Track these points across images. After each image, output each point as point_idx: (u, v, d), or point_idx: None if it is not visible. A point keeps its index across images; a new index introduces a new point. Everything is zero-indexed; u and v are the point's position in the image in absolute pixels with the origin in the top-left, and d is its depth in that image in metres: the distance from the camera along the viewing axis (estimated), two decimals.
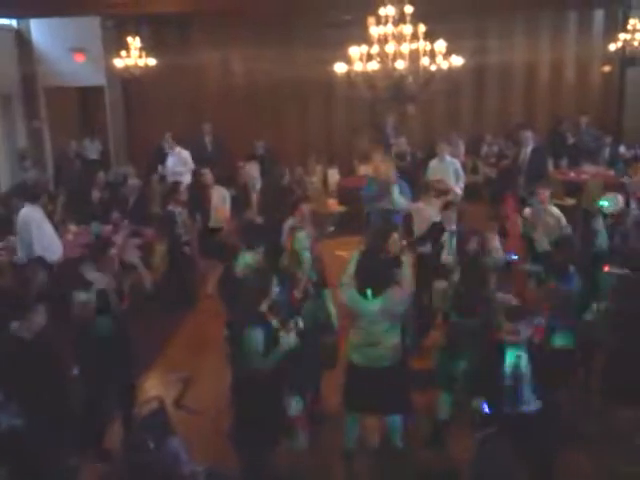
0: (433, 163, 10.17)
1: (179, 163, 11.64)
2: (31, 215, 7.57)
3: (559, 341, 5.44)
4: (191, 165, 11.59)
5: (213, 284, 8.26)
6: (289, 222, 6.96)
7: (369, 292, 4.93)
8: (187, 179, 11.03)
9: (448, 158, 10.09)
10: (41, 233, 7.54)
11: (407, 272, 5.33)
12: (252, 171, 8.91)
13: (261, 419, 4.68)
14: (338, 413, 5.52)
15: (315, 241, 6.32)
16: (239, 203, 8.90)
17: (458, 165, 10.22)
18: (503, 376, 4.35)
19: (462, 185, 10.09)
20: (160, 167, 11.99)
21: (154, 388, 6.47)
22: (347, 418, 5.34)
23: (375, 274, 5.05)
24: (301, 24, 13.52)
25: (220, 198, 9.16)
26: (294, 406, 4.92)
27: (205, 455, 4.96)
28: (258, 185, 8.81)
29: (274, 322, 4.80)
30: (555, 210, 7.56)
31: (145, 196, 10.37)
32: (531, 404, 4.36)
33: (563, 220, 7.38)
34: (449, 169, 9.96)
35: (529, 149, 10.35)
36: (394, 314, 4.99)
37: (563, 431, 4.98)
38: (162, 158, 12.02)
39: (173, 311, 8.30)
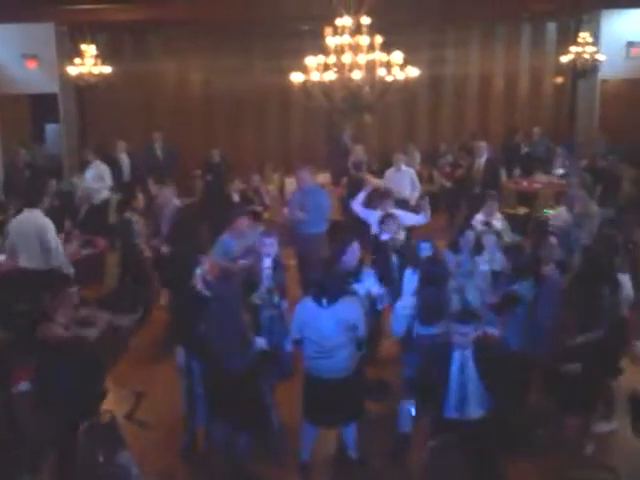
0: (389, 172, 10.26)
1: (97, 178, 11.09)
2: None
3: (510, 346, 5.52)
4: (108, 182, 11.08)
5: (166, 295, 8.16)
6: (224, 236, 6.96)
7: (324, 301, 4.92)
8: (102, 196, 10.76)
9: (404, 168, 10.19)
10: None
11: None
12: (167, 195, 8.53)
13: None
14: (294, 423, 5.49)
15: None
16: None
17: (414, 175, 10.32)
18: (448, 379, 4.37)
19: (417, 194, 10.19)
20: (76, 179, 11.62)
21: (105, 401, 6.34)
22: (303, 428, 5.31)
23: (330, 284, 5.03)
24: (259, 34, 13.51)
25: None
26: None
27: (156, 469, 4.88)
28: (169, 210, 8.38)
29: None
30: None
31: (97, 205, 10.19)
32: (477, 410, 4.38)
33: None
34: (405, 178, 10.06)
35: (483, 159, 10.52)
36: (349, 324, 4.98)
37: (512, 438, 5.05)
38: (112, 166, 11.81)
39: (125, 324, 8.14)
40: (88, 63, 12.55)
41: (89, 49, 12.59)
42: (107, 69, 12.78)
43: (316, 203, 8.07)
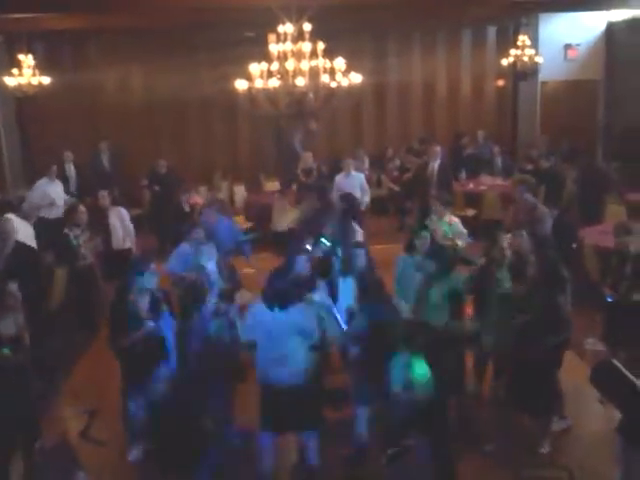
0: (339, 178, 10.29)
1: (44, 196, 10.64)
2: None
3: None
4: (49, 199, 10.64)
5: None
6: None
7: (276, 306, 4.89)
8: (49, 213, 10.47)
9: (354, 173, 10.24)
10: None
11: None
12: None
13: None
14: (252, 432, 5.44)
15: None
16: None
17: (364, 179, 10.39)
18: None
19: (368, 199, 10.26)
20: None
21: (59, 420, 6.18)
22: (261, 437, 5.26)
23: (282, 289, 5.01)
24: (202, 41, 13.39)
25: (119, 219, 8.89)
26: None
27: None
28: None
29: None
30: (452, 219, 7.73)
31: (44, 219, 9.94)
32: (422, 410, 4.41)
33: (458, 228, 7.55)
34: (355, 183, 10.11)
35: (437, 163, 10.69)
36: (302, 330, 4.95)
37: (469, 440, 5.09)
38: (63, 179, 11.56)
39: (75, 338, 7.96)
40: (26, 74, 12.22)
41: (27, 59, 12.27)
42: (46, 79, 12.47)
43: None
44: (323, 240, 6.61)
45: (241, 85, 7.29)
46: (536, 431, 5.61)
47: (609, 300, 6.03)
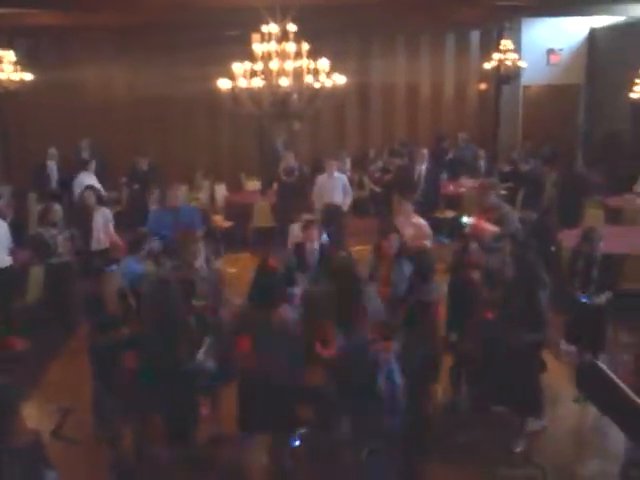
0: (321, 179, 10.31)
1: None
2: None
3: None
4: None
5: None
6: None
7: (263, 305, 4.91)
8: None
9: (336, 174, 10.26)
10: None
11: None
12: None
13: None
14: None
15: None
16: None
17: (346, 180, 10.41)
18: (378, 389, 4.40)
19: (350, 200, 10.29)
20: None
21: (31, 419, 6.12)
22: (240, 437, 5.27)
23: (269, 290, 5.02)
24: (185, 39, 13.36)
25: (103, 220, 8.85)
26: None
27: None
28: None
29: None
30: (418, 221, 7.76)
31: (21, 217, 9.87)
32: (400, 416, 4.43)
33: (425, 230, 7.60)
34: (337, 184, 10.13)
35: (424, 167, 10.79)
36: (286, 330, 4.97)
37: (441, 441, 5.13)
38: (43, 176, 11.50)
39: (50, 337, 7.91)
40: (7, 70, 12.11)
41: (8, 55, 12.16)
42: (28, 76, 12.37)
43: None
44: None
45: (224, 84, 7.28)
46: (510, 430, 5.67)
47: (583, 301, 6.09)
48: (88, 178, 10.84)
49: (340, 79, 7.64)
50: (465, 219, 7.39)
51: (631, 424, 2.57)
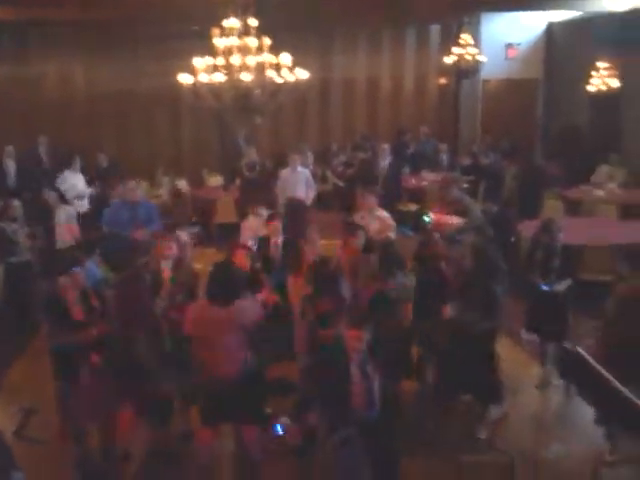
0: (284, 173, 10.31)
1: (71, 189, 10.55)
2: None
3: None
4: (76, 192, 10.53)
5: None
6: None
7: (219, 302, 4.88)
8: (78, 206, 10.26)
9: (299, 168, 10.28)
10: None
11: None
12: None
13: None
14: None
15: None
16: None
17: (309, 175, 10.44)
18: (349, 380, 4.44)
19: (312, 194, 10.32)
20: None
21: None
22: (203, 429, 5.26)
23: (225, 285, 5.00)
24: (145, 34, 13.23)
25: (66, 217, 8.73)
26: None
27: None
28: None
29: None
30: (382, 214, 7.83)
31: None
32: (372, 407, 4.47)
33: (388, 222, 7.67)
34: (301, 179, 10.15)
35: (387, 162, 10.89)
36: (244, 326, 4.97)
37: (407, 428, 5.19)
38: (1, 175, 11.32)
39: (13, 336, 7.79)
40: None
41: None
42: None
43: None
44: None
45: (185, 79, 7.23)
46: (473, 418, 5.78)
47: (543, 288, 6.20)
48: (73, 176, 10.70)
49: (302, 74, 7.65)
50: (427, 218, 7.49)
51: (611, 409, 2.66)
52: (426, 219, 7.36)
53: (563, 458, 5.44)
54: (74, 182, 10.62)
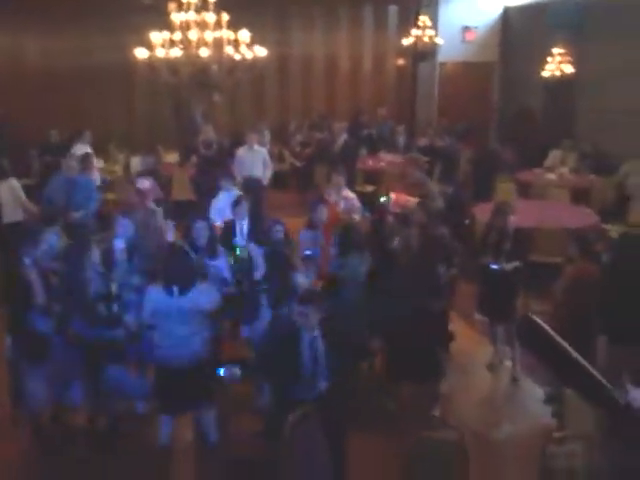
0: (241, 152, 10.23)
1: None
2: None
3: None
4: None
5: None
6: None
7: (175, 289, 4.82)
8: None
9: (256, 147, 10.20)
10: None
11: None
12: None
13: None
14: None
15: None
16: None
17: (266, 154, 10.37)
18: (300, 358, 4.47)
19: (269, 173, 10.26)
20: None
21: None
22: (159, 416, 5.25)
23: (182, 270, 4.92)
24: (98, 7, 12.89)
25: (10, 191, 8.50)
26: None
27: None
28: None
29: None
30: (348, 194, 7.85)
31: None
32: (323, 384, 4.52)
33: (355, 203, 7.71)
34: (258, 158, 10.09)
35: (342, 139, 10.91)
36: (203, 311, 4.93)
37: (360, 409, 5.27)
38: None
39: None
40: None
41: None
42: None
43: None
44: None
45: (141, 54, 7.11)
46: (425, 396, 5.89)
47: (494, 267, 6.31)
48: (83, 149, 10.40)
49: (260, 51, 7.59)
50: (384, 198, 7.55)
51: (564, 371, 2.80)
52: (382, 199, 7.42)
53: (513, 435, 5.59)
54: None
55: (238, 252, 6.08)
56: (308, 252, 6.18)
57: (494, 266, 6.29)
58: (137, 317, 5.32)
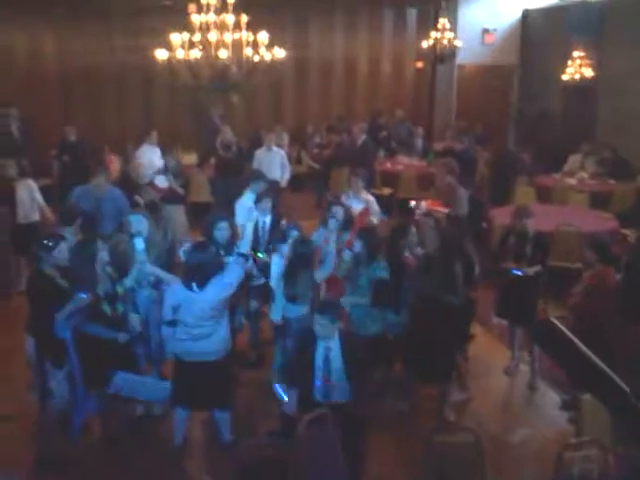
0: (260, 152, 10.26)
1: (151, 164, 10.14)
2: None
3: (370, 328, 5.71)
4: (155, 167, 10.02)
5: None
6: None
7: (194, 285, 4.86)
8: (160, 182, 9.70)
9: (275, 148, 10.24)
10: None
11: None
12: None
13: None
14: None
15: None
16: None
17: (284, 155, 10.41)
18: (314, 367, 4.46)
19: (288, 176, 10.29)
20: None
21: None
22: (175, 412, 5.26)
23: (201, 265, 4.96)
24: (118, 8, 12.98)
25: (27, 192, 8.56)
26: None
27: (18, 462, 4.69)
28: None
29: None
30: (367, 197, 7.83)
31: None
32: (343, 394, 4.49)
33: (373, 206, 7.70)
34: (276, 159, 10.12)
35: (361, 139, 10.94)
36: (221, 303, 4.96)
37: (375, 410, 5.26)
38: None
39: None
40: None
41: None
42: None
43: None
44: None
45: (161, 55, 7.16)
46: (440, 399, 5.86)
47: (516, 273, 6.27)
48: (150, 150, 10.41)
49: (279, 53, 7.62)
50: (413, 203, 7.52)
51: (581, 374, 2.79)
52: (412, 204, 7.40)
53: (529, 440, 5.55)
54: (151, 156, 10.28)
55: (260, 255, 6.18)
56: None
57: (516, 271, 6.25)
58: (149, 315, 5.41)
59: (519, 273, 6.23)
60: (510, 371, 6.63)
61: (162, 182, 9.22)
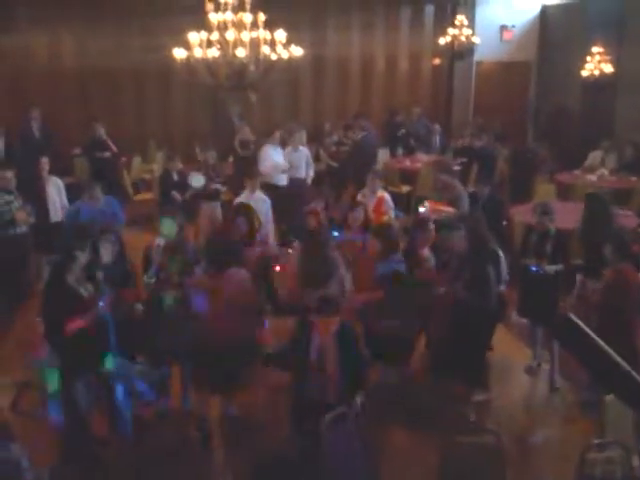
0: (287, 152, 10.30)
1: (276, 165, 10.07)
2: None
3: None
4: (280, 167, 10.09)
5: None
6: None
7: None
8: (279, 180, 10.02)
9: (301, 148, 10.28)
10: None
11: None
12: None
13: None
14: None
15: None
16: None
17: (309, 154, 10.50)
18: (307, 361, 4.46)
19: (312, 173, 10.37)
20: None
21: None
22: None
23: (218, 254, 5.10)
24: (136, 8, 13.04)
25: (56, 190, 8.64)
26: None
27: (48, 457, 4.73)
28: None
29: None
30: (382, 194, 7.85)
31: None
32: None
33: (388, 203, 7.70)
34: (302, 157, 10.17)
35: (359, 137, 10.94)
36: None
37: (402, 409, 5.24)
38: None
39: (3, 309, 7.73)
40: None
41: None
42: None
43: None
44: None
45: (179, 54, 7.17)
46: (461, 400, 5.83)
47: (538, 271, 6.21)
48: (273, 151, 10.21)
49: (296, 51, 7.60)
50: (422, 208, 7.54)
51: (603, 372, 2.78)
52: (421, 209, 7.42)
53: (551, 441, 5.51)
54: (275, 158, 10.15)
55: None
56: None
57: (538, 269, 6.20)
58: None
59: (539, 270, 6.17)
60: (531, 371, 6.58)
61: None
